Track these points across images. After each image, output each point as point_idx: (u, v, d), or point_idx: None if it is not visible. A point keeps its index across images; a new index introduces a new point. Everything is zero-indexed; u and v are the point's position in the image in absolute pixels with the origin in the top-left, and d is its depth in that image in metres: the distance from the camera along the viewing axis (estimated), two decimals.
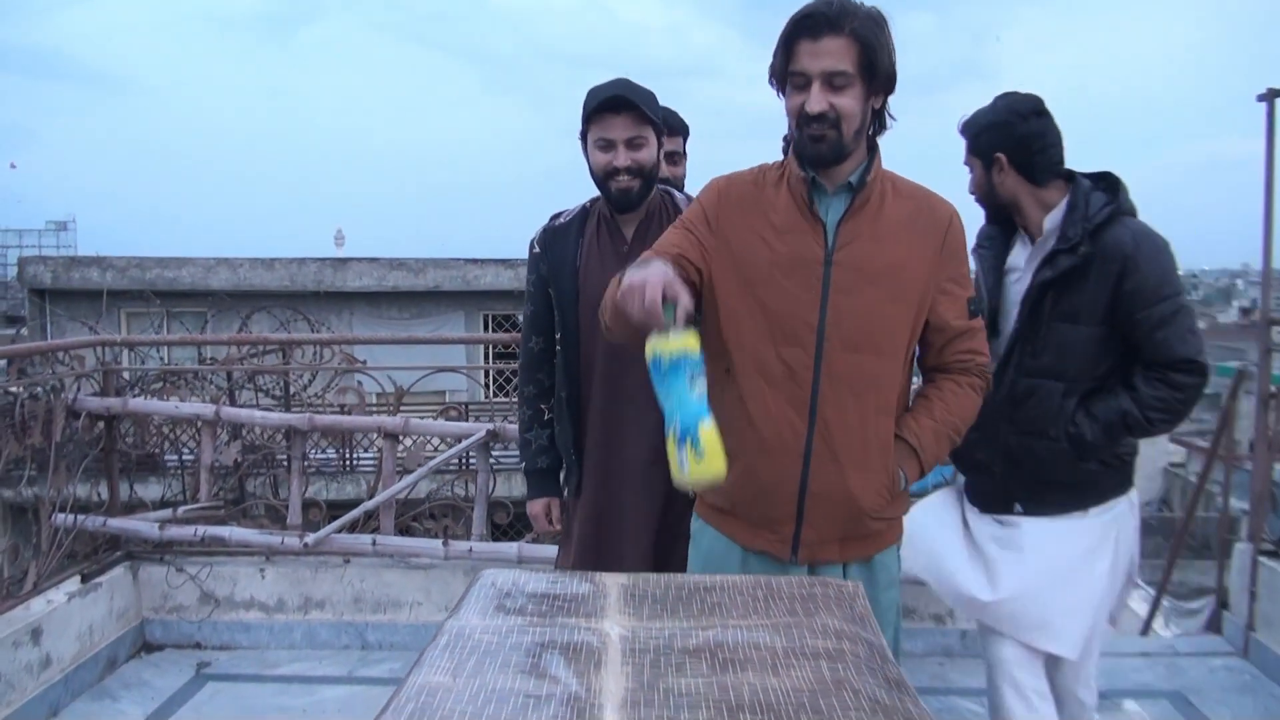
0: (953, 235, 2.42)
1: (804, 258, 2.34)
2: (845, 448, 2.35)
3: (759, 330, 2.36)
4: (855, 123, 2.28)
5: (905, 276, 2.36)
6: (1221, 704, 4.42)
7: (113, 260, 17.68)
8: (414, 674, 1.61)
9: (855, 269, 2.33)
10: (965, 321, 2.45)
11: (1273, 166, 5.00)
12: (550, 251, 3.08)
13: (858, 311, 2.33)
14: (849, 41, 2.22)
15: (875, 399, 2.37)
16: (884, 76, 2.28)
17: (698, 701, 1.49)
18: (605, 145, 2.90)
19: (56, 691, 4.31)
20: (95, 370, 5.02)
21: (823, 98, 2.25)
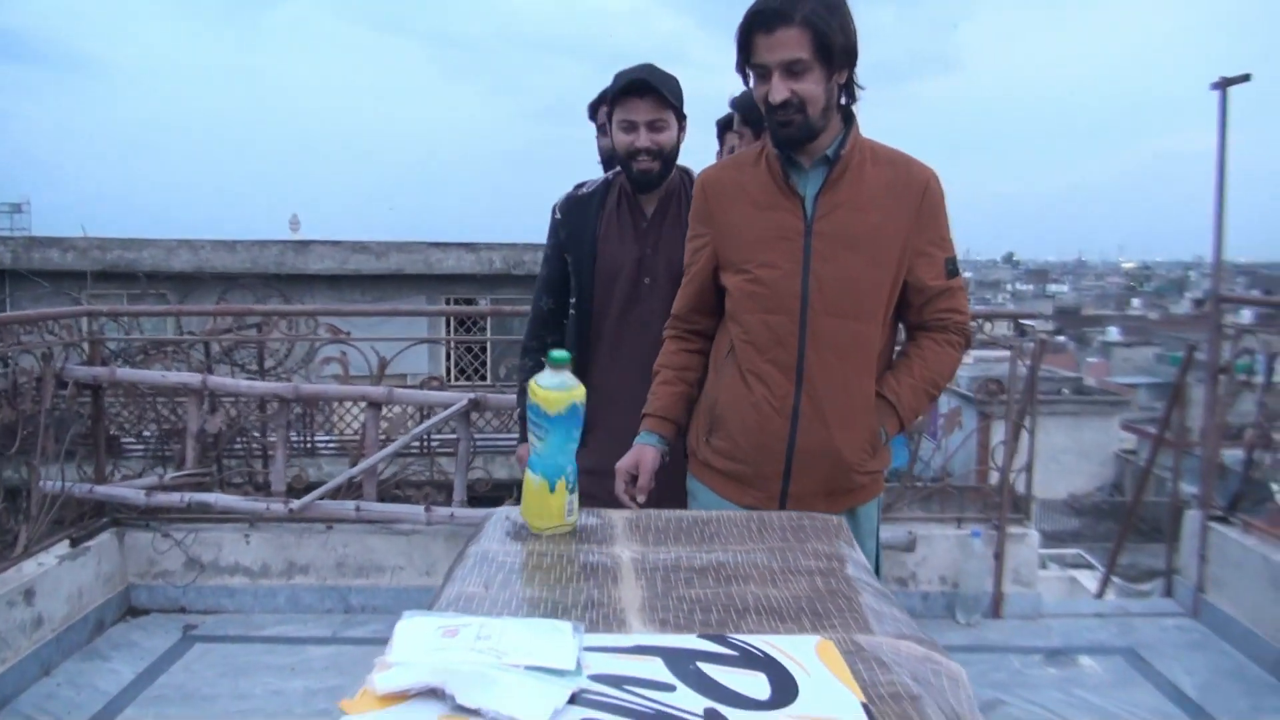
0: (930, 198, 2.52)
1: (784, 230, 2.48)
2: (830, 407, 2.49)
3: (748, 301, 2.53)
4: (820, 104, 2.39)
5: (883, 241, 2.47)
6: (1173, 660, 4.63)
7: (74, 241, 17.58)
8: (448, 587, 1.76)
9: (834, 237, 2.46)
10: (943, 281, 2.57)
11: (1225, 151, 5.20)
12: (570, 219, 3.21)
13: (838, 278, 2.46)
14: (801, 30, 2.32)
15: (858, 360, 2.51)
16: (841, 54, 2.37)
17: (709, 605, 1.65)
18: (628, 127, 3.05)
19: (49, 650, 4.42)
20: (83, 340, 5.11)
21: (784, 86, 2.36)
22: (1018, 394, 5.15)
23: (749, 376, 2.53)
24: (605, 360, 3.18)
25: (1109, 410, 32.97)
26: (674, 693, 1.26)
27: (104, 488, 5.07)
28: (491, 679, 1.23)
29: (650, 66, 3.07)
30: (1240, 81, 5.10)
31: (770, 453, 2.54)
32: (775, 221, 2.50)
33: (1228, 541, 4.94)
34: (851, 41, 2.39)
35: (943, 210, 2.57)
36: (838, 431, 2.51)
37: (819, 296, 2.46)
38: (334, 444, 10.24)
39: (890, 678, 1.38)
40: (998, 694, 4.30)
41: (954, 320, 2.63)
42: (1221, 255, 5.37)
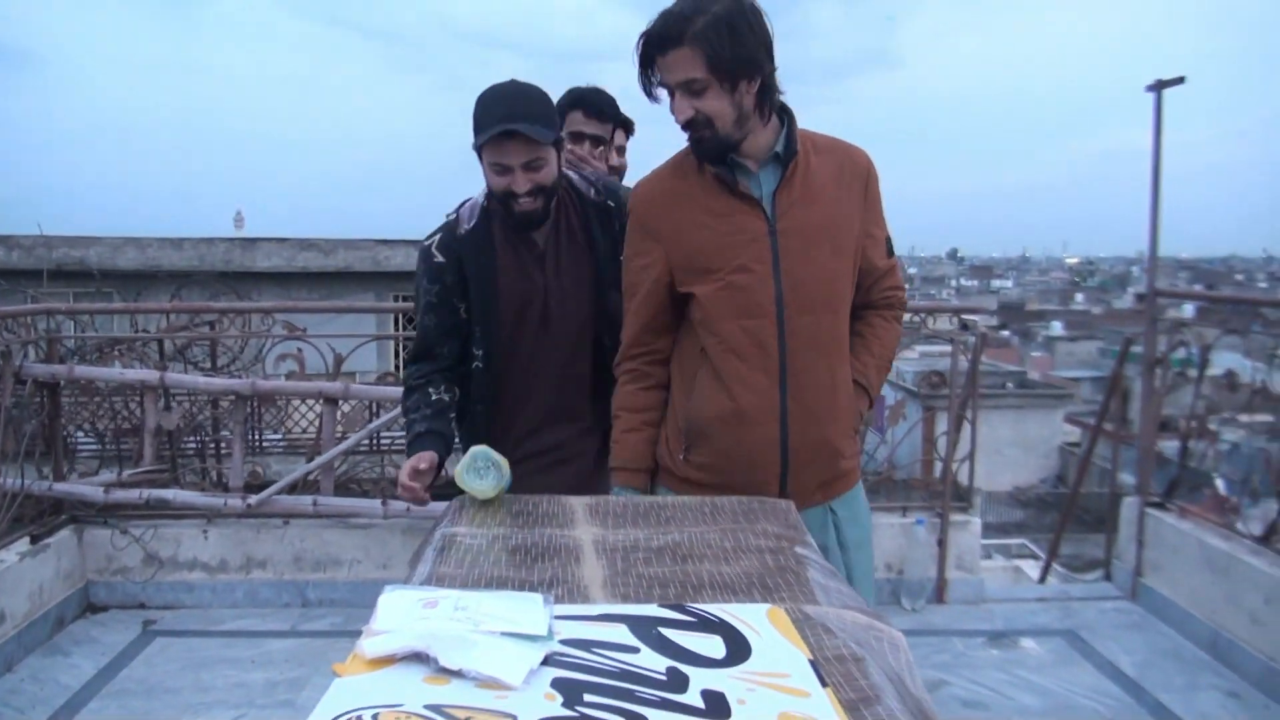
0: (872, 181, 2.57)
1: (749, 232, 2.46)
2: (818, 403, 2.51)
3: (723, 309, 2.48)
4: (729, 117, 2.38)
5: (842, 230, 2.51)
6: (1112, 640, 4.79)
7: (19, 239, 17.42)
8: (419, 567, 1.86)
9: (798, 234, 2.46)
10: (887, 261, 2.65)
11: (1160, 153, 5.36)
12: (463, 261, 2.86)
13: (810, 274, 2.47)
14: (692, 49, 2.31)
15: (835, 351, 2.55)
16: (742, 66, 2.34)
17: (667, 582, 1.76)
18: (501, 170, 2.71)
19: (10, 647, 4.47)
20: (40, 338, 5.15)
21: (686, 105, 2.37)
22: (959, 387, 5.29)
23: (733, 386, 2.49)
24: (522, 401, 2.98)
25: (1053, 404, 33.41)
26: (638, 654, 1.37)
27: (63, 485, 5.12)
28: (471, 643, 1.33)
29: (517, 98, 2.73)
30: (1175, 84, 5.26)
31: (764, 459, 2.51)
32: (737, 225, 2.48)
33: (1164, 527, 5.10)
34: (751, 51, 2.35)
35: (879, 191, 2.62)
36: (828, 425, 2.53)
37: (793, 295, 2.46)
38: (283, 442, 10.26)
39: (836, 642, 1.49)
40: (941, 675, 4.43)
41: (898, 297, 2.73)
42: (1157, 251, 5.53)
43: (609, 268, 2.89)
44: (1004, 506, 28.88)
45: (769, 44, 2.38)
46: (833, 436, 2.55)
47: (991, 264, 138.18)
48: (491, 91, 2.72)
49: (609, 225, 2.94)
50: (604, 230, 2.93)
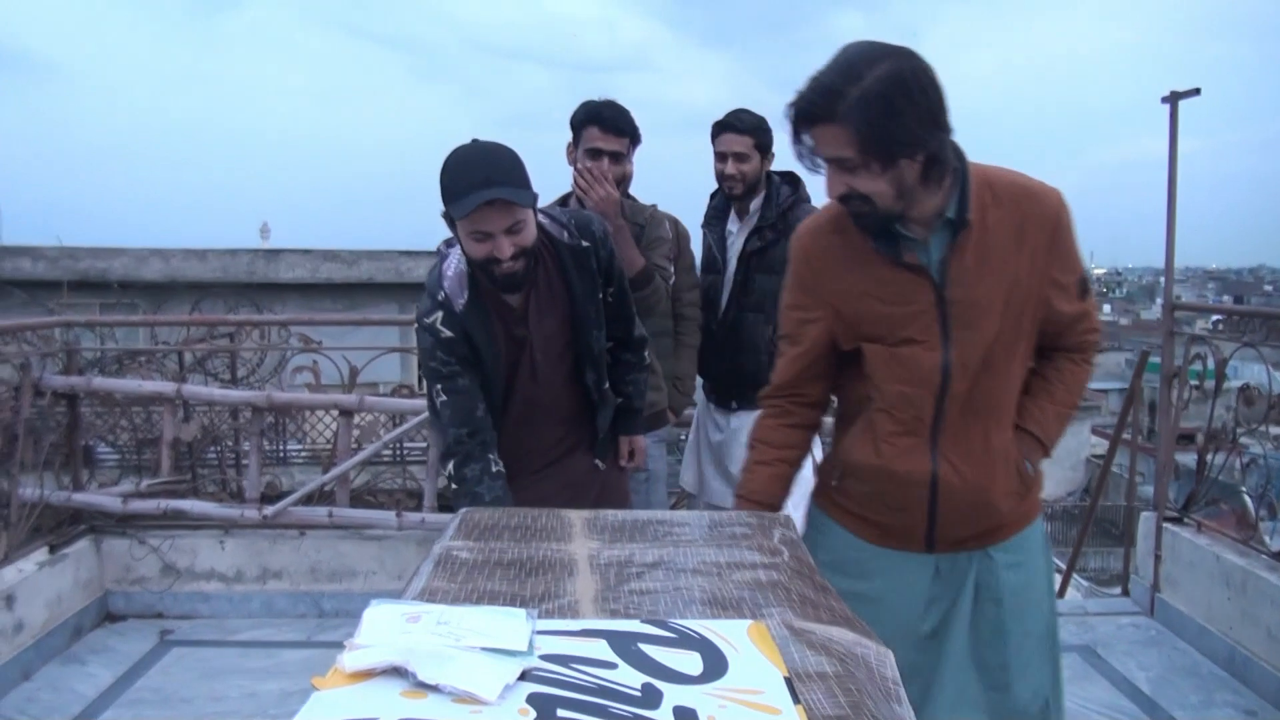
0: (1061, 227, 2.33)
1: (916, 304, 2.31)
2: (969, 468, 2.38)
3: (887, 373, 2.38)
4: (887, 195, 2.18)
5: (1017, 290, 2.30)
6: (1128, 656, 4.77)
7: (44, 250, 17.56)
8: (414, 582, 1.87)
9: (969, 304, 2.29)
10: (1078, 306, 2.42)
11: (1175, 164, 5.35)
12: (473, 337, 2.86)
13: (979, 341, 2.31)
14: (842, 128, 2.10)
15: (996, 414, 2.40)
16: (901, 146, 2.12)
17: (658, 597, 1.77)
18: (481, 237, 2.68)
19: (28, 655, 4.51)
20: (59, 350, 5.20)
21: (839, 181, 2.19)
22: None
23: (882, 443, 2.41)
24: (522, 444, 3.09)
25: (1080, 415, 33.17)
26: (616, 670, 1.38)
27: (81, 495, 5.17)
28: (449, 657, 1.35)
29: (491, 161, 2.68)
30: (1190, 95, 5.24)
31: (911, 509, 2.44)
32: (902, 294, 2.32)
33: (1181, 542, 5.08)
34: (911, 128, 2.11)
35: (1070, 233, 2.37)
36: (980, 489, 2.40)
37: (960, 365, 2.32)
38: (306, 453, 10.32)
39: (819, 658, 1.50)
40: None
41: (1090, 340, 2.51)
42: (1173, 262, 5.51)
43: (588, 307, 2.96)
44: None
45: (938, 114, 2.16)
46: (987, 498, 2.41)
47: None
48: (460, 157, 2.68)
49: (585, 266, 2.94)
50: (580, 273, 2.94)
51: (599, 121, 3.64)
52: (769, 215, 4.05)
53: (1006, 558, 2.47)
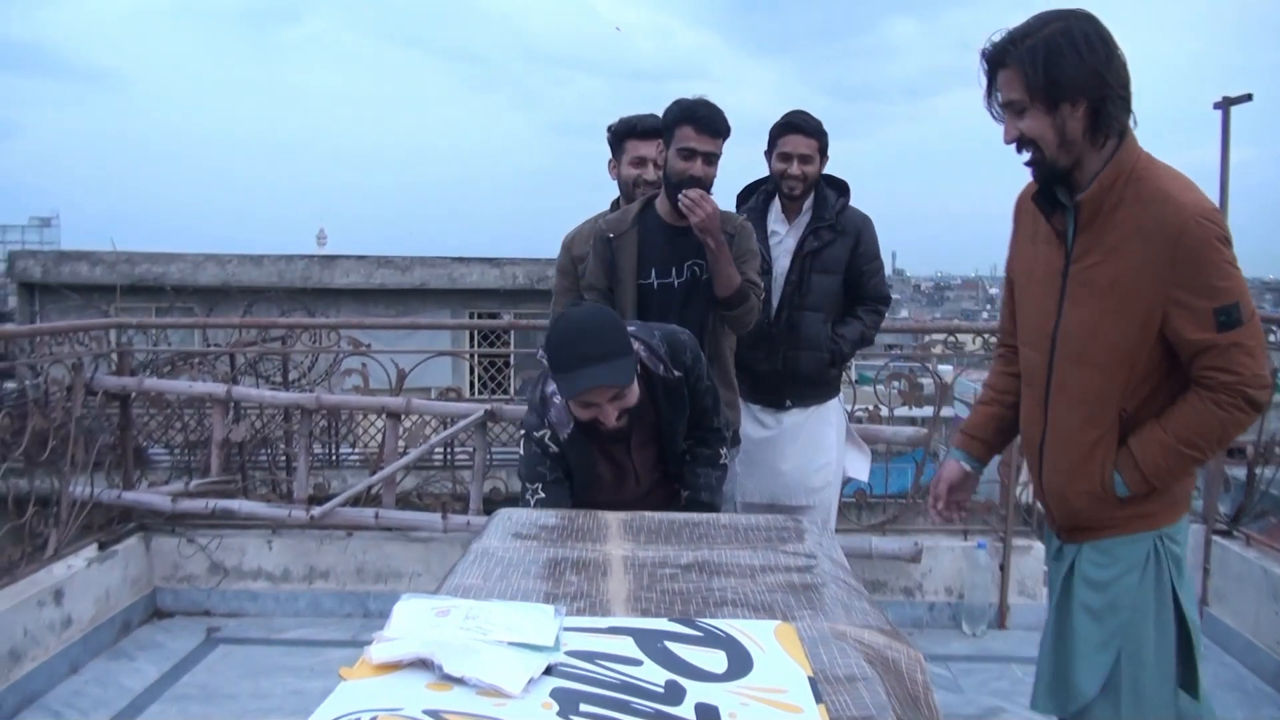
0: (1185, 243, 2.25)
1: (1048, 269, 2.46)
2: (1060, 453, 2.49)
3: (1023, 331, 2.58)
4: (1053, 141, 2.31)
5: (1132, 290, 2.32)
6: None
7: (102, 255, 17.79)
8: (449, 579, 1.90)
9: (1084, 283, 2.37)
10: (1207, 335, 2.28)
11: (1227, 170, 5.30)
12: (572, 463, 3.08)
13: (1083, 324, 2.38)
14: (1014, 71, 2.28)
15: (1087, 410, 2.42)
16: (1061, 89, 2.26)
17: (689, 598, 1.78)
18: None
19: (76, 650, 4.57)
20: (111, 351, 5.27)
21: (1011, 126, 2.35)
22: None
23: (1022, 407, 2.64)
24: None
25: None
26: (640, 666, 1.39)
27: (131, 494, 5.22)
28: (475, 651, 1.36)
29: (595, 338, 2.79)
30: (1242, 101, 5.20)
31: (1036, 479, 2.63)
32: (1042, 258, 2.48)
33: (1229, 555, 5.01)
34: (1074, 73, 2.25)
35: (1205, 257, 2.27)
36: (1062, 477, 2.50)
37: (1065, 340, 2.42)
38: (357, 456, 10.40)
39: (848, 661, 1.50)
40: (999, 702, 4.38)
41: (1219, 380, 2.30)
42: None
43: (676, 425, 3.09)
44: None
45: (1102, 69, 2.27)
46: (1064, 490, 2.50)
47: None
48: (564, 333, 2.77)
49: (677, 394, 3.03)
50: (671, 400, 3.03)
51: (693, 121, 3.44)
52: (826, 215, 4.06)
53: (1095, 556, 2.49)
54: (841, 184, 4.18)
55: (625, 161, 3.93)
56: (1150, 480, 2.39)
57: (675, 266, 3.58)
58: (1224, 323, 2.26)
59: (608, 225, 3.62)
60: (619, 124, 3.95)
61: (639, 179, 3.87)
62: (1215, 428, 2.34)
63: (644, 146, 3.84)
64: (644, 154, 3.82)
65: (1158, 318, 2.30)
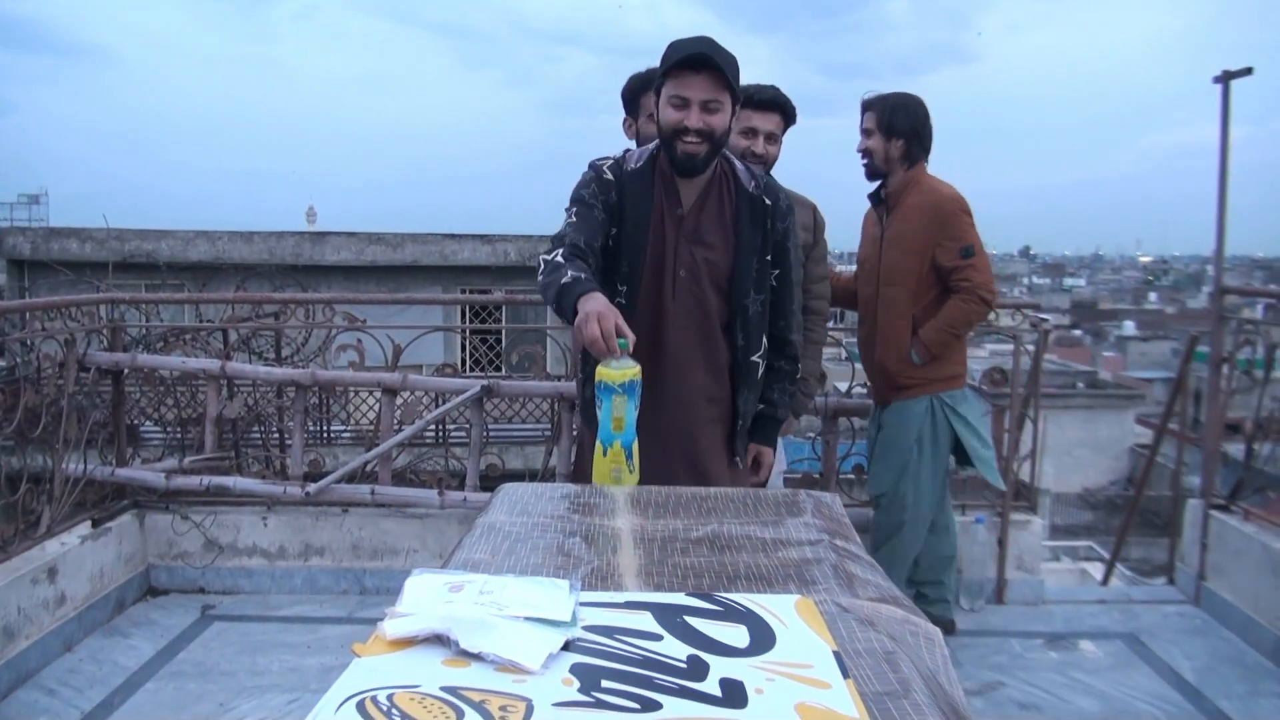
0: (939, 213, 4.16)
1: (874, 234, 4.39)
2: (884, 340, 4.30)
3: (861, 272, 4.52)
4: (880, 155, 4.24)
5: (915, 241, 4.19)
6: (1173, 644, 4.71)
7: (92, 232, 17.73)
8: (457, 553, 1.86)
9: (891, 239, 4.26)
10: (955, 262, 4.16)
11: (1227, 146, 5.26)
12: (626, 189, 2.94)
13: (892, 262, 4.25)
14: (874, 112, 4.21)
15: (896, 313, 4.27)
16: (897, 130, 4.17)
17: (701, 572, 1.75)
18: (680, 103, 2.84)
19: (71, 627, 4.54)
20: (104, 327, 5.23)
21: (864, 142, 4.28)
22: (1020, 385, 5.21)
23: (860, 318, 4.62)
24: (645, 354, 2.74)
25: (1124, 404, 32.98)
26: (661, 641, 1.36)
27: (125, 470, 5.19)
28: (492, 626, 1.33)
29: (710, 40, 2.85)
30: (1242, 75, 5.16)
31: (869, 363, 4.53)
32: (871, 229, 4.46)
33: (1228, 530, 5.01)
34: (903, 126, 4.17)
35: (955, 219, 4.18)
36: (884, 351, 4.30)
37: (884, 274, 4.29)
38: (350, 434, 10.37)
39: (868, 635, 1.48)
40: (997, 676, 4.38)
41: (963, 286, 4.17)
42: (1224, 247, 5.43)
43: (750, 260, 2.98)
44: (1073, 508, 28.54)
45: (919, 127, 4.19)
46: (886, 360, 4.30)
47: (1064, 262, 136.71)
48: (690, 38, 2.88)
49: (759, 219, 2.98)
50: (752, 223, 2.97)
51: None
52: None
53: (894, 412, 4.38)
54: None
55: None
56: (931, 350, 4.20)
57: None
58: (964, 254, 4.16)
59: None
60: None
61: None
62: (963, 316, 4.18)
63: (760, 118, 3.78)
64: (755, 126, 3.77)
65: (930, 255, 4.18)
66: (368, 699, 1.18)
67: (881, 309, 4.25)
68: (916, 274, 4.17)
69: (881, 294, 4.25)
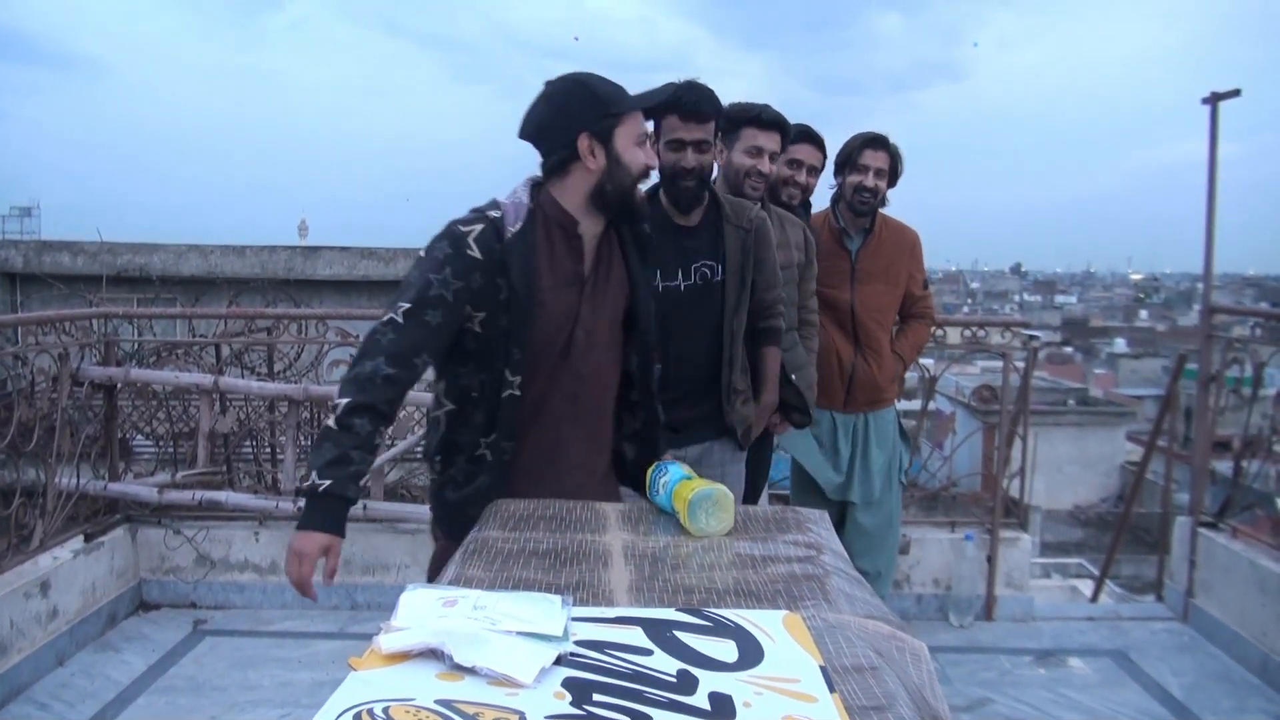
0: (914, 251, 4.49)
1: (835, 264, 4.31)
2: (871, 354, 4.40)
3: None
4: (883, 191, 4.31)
5: (896, 272, 4.44)
6: (1161, 661, 4.73)
7: (84, 245, 17.69)
8: (451, 569, 1.89)
9: (869, 271, 4.38)
10: (921, 291, 4.54)
11: (1215, 166, 5.31)
12: (507, 266, 2.46)
13: (874, 291, 4.40)
14: (885, 155, 4.27)
15: (883, 330, 4.47)
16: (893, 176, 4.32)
17: (692, 588, 1.77)
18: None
19: (63, 642, 4.55)
20: (98, 341, 5.24)
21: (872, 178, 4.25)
22: (1011, 402, 5.25)
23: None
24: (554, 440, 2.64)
25: (1114, 421, 32.98)
26: (651, 656, 1.39)
27: (117, 485, 5.20)
28: (485, 641, 1.35)
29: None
30: (1230, 97, 5.20)
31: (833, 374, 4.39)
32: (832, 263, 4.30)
33: (1216, 547, 5.04)
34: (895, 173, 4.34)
35: (921, 255, 4.55)
36: (877, 368, 4.40)
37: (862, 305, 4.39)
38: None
39: (854, 650, 1.50)
40: (986, 693, 4.40)
41: (927, 312, 4.64)
42: (1212, 265, 5.46)
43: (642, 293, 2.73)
44: (1063, 525, 28.53)
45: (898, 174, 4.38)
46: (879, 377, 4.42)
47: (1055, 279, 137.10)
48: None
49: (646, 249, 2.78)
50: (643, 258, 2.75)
51: (678, 109, 3.09)
52: None
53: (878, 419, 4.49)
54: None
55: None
56: (907, 366, 4.75)
57: (682, 269, 3.26)
58: (925, 285, 4.62)
59: None
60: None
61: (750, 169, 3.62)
62: (925, 338, 4.74)
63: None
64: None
65: (904, 285, 4.49)
66: (364, 712, 1.20)
67: (867, 335, 4.38)
68: (896, 303, 4.50)
69: (863, 322, 4.36)
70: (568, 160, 2.52)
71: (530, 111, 2.57)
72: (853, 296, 4.33)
